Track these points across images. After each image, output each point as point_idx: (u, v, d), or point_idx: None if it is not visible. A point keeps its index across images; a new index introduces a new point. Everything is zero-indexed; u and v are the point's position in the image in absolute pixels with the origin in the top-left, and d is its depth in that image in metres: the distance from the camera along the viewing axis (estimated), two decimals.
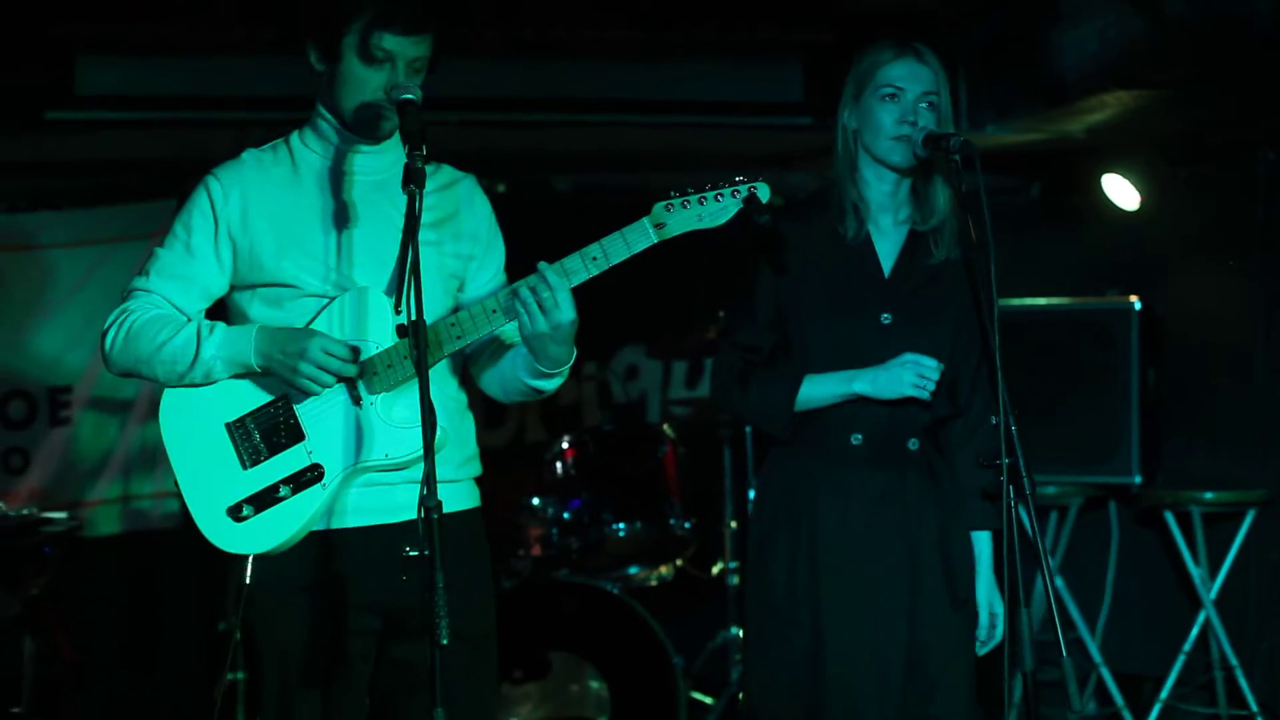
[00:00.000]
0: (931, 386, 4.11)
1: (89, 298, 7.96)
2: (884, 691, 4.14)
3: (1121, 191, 7.80)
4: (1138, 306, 7.47)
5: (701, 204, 3.78)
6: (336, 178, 3.93)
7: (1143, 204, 7.76)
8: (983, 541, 4.26)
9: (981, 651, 4.25)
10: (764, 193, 3.79)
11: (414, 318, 3.46)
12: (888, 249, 4.26)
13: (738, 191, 3.79)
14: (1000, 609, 4.21)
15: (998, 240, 3.89)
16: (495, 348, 4.06)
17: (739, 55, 7.19)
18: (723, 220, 3.80)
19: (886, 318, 4.19)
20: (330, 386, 3.77)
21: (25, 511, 6.85)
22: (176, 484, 3.86)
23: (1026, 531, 3.98)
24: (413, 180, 3.54)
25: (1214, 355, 7.53)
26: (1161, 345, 7.58)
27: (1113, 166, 7.77)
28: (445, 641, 3.30)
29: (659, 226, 3.78)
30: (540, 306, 3.72)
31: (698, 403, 8.38)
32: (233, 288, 3.95)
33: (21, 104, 6.81)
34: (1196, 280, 7.65)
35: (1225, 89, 6.64)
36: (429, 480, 3.37)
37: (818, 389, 4.19)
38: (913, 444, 4.19)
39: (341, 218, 3.89)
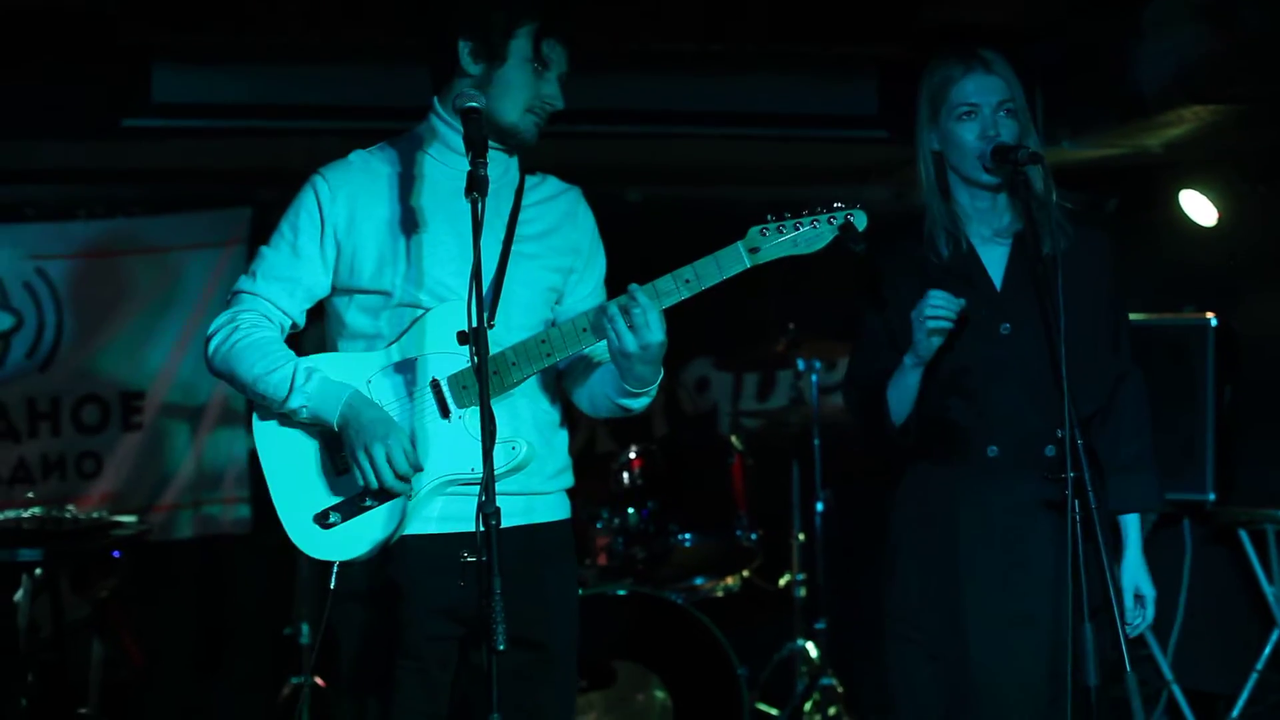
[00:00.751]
0: (943, 310, 4.00)
1: (163, 304, 8.03)
2: (1028, 697, 4.09)
3: (1199, 207, 7.74)
4: (1214, 323, 7.40)
5: (797, 229, 3.75)
6: (443, 184, 3.92)
7: (1220, 220, 7.70)
8: (1129, 524, 4.21)
9: (1132, 634, 4.18)
10: (860, 221, 3.75)
11: (474, 325, 3.46)
12: (996, 259, 4.23)
13: (834, 218, 3.76)
14: (1149, 590, 4.16)
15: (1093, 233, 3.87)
16: (586, 364, 4.05)
17: (814, 69, 7.16)
18: (818, 247, 3.77)
19: (1006, 328, 4.15)
20: (374, 489, 3.76)
21: (96, 515, 6.90)
22: (267, 489, 3.88)
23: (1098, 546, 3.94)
24: (475, 187, 3.53)
25: None
26: (1237, 362, 7.51)
27: (1190, 182, 7.71)
28: (502, 648, 3.30)
29: (753, 251, 3.76)
30: (630, 325, 3.70)
31: (769, 414, 8.35)
32: (333, 289, 3.96)
33: (98, 111, 6.85)
34: (1273, 297, 7.58)
35: None
36: (488, 487, 3.37)
37: (896, 389, 4.16)
38: (1050, 450, 4.13)
39: (444, 226, 3.89)
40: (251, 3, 6.40)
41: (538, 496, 3.96)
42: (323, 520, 3.82)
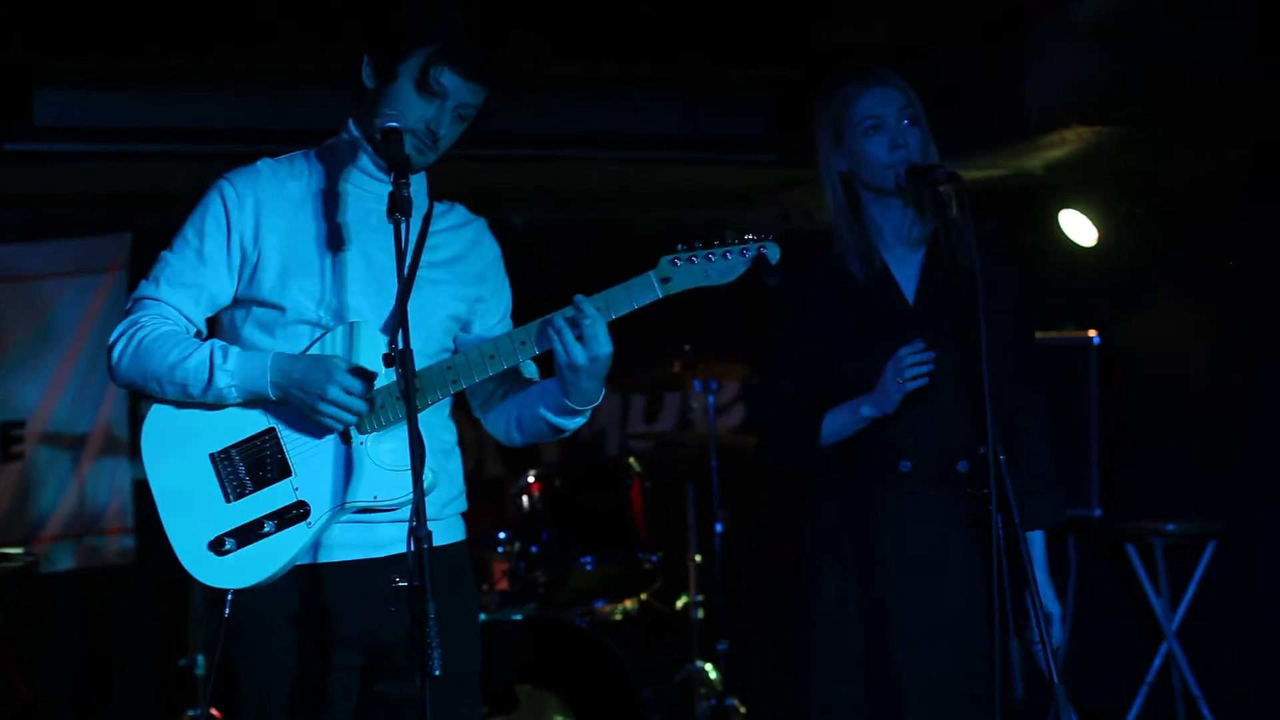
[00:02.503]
0: (923, 369, 4.03)
1: (42, 332, 7.91)
2: (948, 710, 4.12)
3: (1079, 227, 7.85)
4: (1096, 341, 7.51)
5: (709, 261, 3.71)
6: (350, 203, 3.85)
7: (1100, 239, 7.82)
8: (1034, 541, 4.23)
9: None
10: (773, 253, 3.71)
11: (400, 347, 3.43)
12: (909, 274, 4.25)
13: (746, 250, 3.72)
14: (1055, 607, 4.20)
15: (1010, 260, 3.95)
16: (509, 385, 4.02)
17: (704, 91, 7.20)
18: (730, 279, 3.73)
19: (919, 344, 4.18)
20: (353, 424, 3.72)
21: None
22: (157, 516, 3.79)
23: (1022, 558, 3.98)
24: (399, 208, 3.49)
25: (1171, 388, 7.58)
26: (1119, 379, 7.63)
27: (1070, 202, 7.82)
28: (438, 673, 3.27)
29: (664, 281, 3.71)
30: (579, 337, 3.70)
31: (657, 436, 8.37)
32: (233, 300, 3.88)
33: None
34: (1153, 315, 7.72)
35: (1181, 125, 6.70)
36: (419, 511, 3.34)
37: (835, 422, 4.19)
38: (962, 466, 4.16)
39: (349, 245, 3.81)
40: (135, 26, 6.32)
41: (434, 522, 3.92)
42: (218, 547, 3.73)
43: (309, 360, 3.71)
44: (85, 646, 8.00)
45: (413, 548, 3.33)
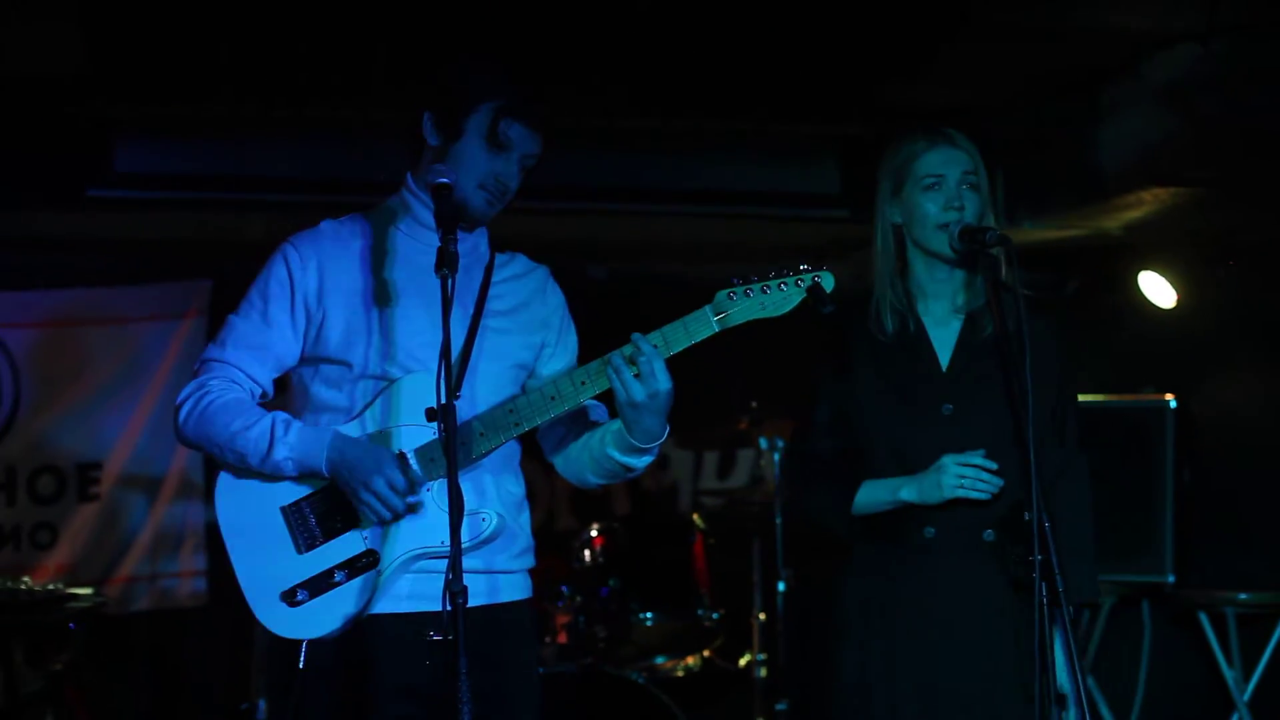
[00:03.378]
0: (981, 485, 4.05)
1: (122, 375, 7.99)
2: None
3: (1158, 289, 7.78)
4: (1173, 405, 7.43)
5: (765, 293, 3.73)
6: (412, 258, 3.90)
7: (1179, 301, 7.74)
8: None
9: None
10: (828, 282, 3.73)
11: (444, 401, 3.44)
12: (945, 338, 4.23)
13: (801, 280, 3.73)
14: (1070, 689, 4.13)
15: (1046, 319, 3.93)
16: (579, 428, 4.02)
17: (777, 148, 7.20)
18: (785, 310, 3.74)
19: (948, 409, 4.15)
20: (388, 519, 3.74)
21: (51, 587, 6.84)
22: (226, 569, 3.83)
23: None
24: (445, 264, 3.52)
25: (1249, 454, 7.49)
26: (1197, 444, 7.54)
27: (1149, 264, 7.75)
28: None
29: (721, 315, 3.73)
30: (637, 374, 3.69)
31: (728, 493, 8.34)
32: (301, 359, 3.93)
33: (61, 180, 6.84)
34: (1232, 379, 7.62)
35: (1260, 187, 6.62)
36: (454, 564, 3.34)
37: (871, 495, 4.19)
38: (988, 535, 4.13)
39: (413, 299, 3.86)
40: (214, 76, 6.39)
41: (502, 575, 3.93)
42: (290, 598, 3.77)
43: (365, 447, 3.76)
44: (152, 688, 8.04)
45: (449, 605, 3.35)
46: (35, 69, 6.29)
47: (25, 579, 6.79)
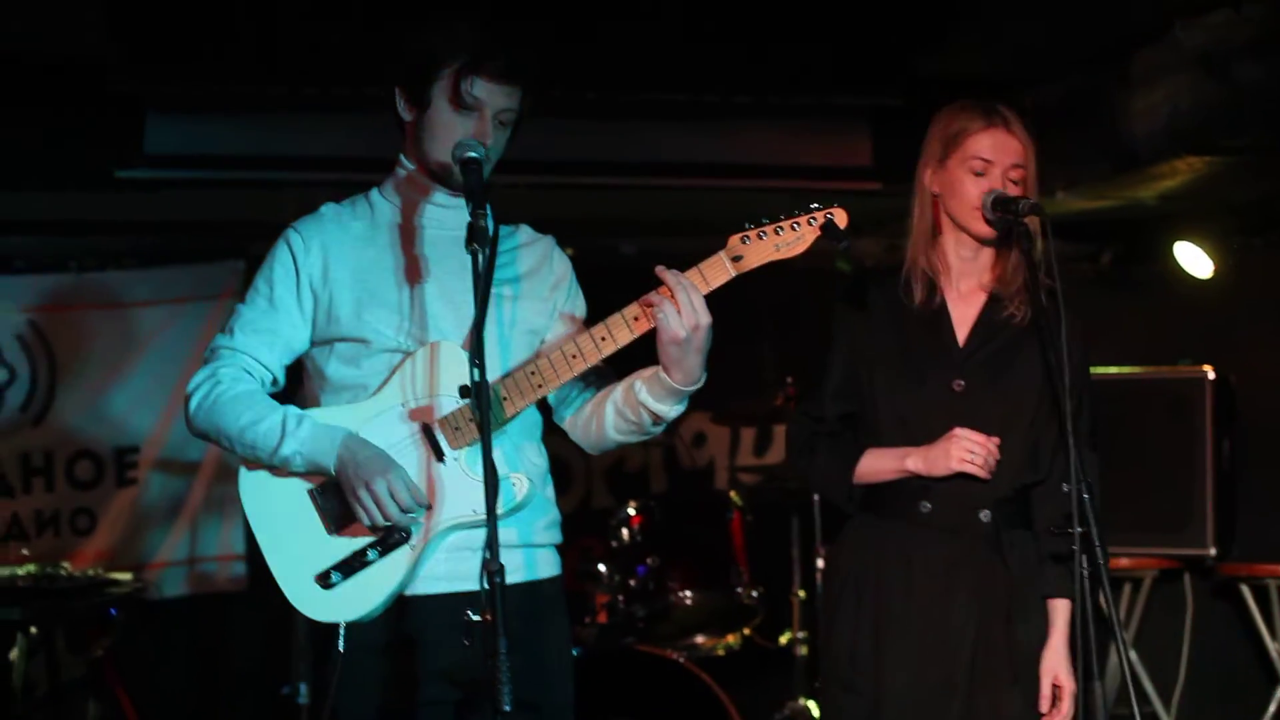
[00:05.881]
0: (983, 460, 4.03)
1: (156, 358, 8.00)
2: None
3: (1194, 259, 7.73)
4: (1211, 376, 7.38)
5: (778, 234, 3.68)
6: (415, 231, 3.88)
7: (1215, 272, 7.68)
8: (1058, 610, 4.15)
9: None
10: (840, 217, 3.68)
11: (477, 380, 3.41)
12: (965, 314, 4.20)
13: (813, 219, 3.68)
14: (1069, 682, 4.09)
15: (1069, 307, 3.85)
16: (594, 385, 3.98)
17: (807, 119, 7.15)
18: (800, 249, 3.68)
19: (959, 384, 4.12)
20: (380, 524, 3.72)
21: (91, 573, 6.86)
22: (254, 555, 3.82)
23: (1101, 604, 3.89)
24: (475, 239, 3.48)
25: None
26: (1235, 415, 7.48)
27: (1185, 234, 7.70)
28: (508, 708, 3.24)
29: (736, 259, 3.70)
30: (677, 309, 3.67)
31: (766, 469, 8.32)
32: (312, 343, 3.91)
33: (91, 162, 6.85)
34: (1270, 349, 7.56)
35: None
36: (491, 545, 3.31)
37: (875, 464, 4.17)
38: (984, 515, 4.10)
39: (420, 272, 3.84)
40: (243, 54, 6.38)
41: (535, 549, 3.91)
42: (324, 581, 3.74)
43: (377, 451, 3.73)
44: (193, 673, 8.06)
45: (487, 585, 3.30)
46: (63, 50, 6.29)
47: (65, 564, 6.80)
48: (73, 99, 6.67)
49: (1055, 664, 4.09)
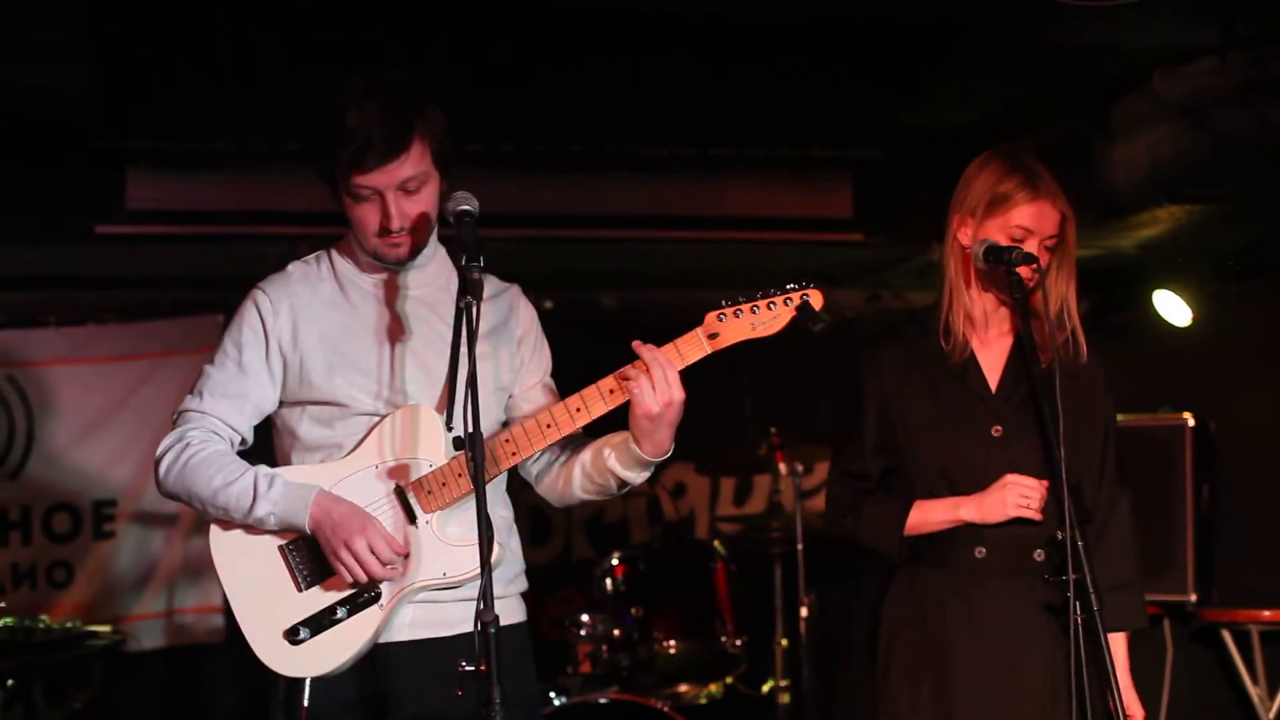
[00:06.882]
0: (1039, 504, 4.06)
1: (135, 412, 8.00)
2: None
3: (1173, 307, 7.75)
4: (1190, 423, 7.39)
5: (754, 312, 3.73)
6: (382, 293, 3.89)
7: (1195, 320, 7.71)
8: (1117, 643, 4.15)
9: None
10: (816, 299, 3.74)
11: (470, 430, 3.41)
12: (992, 361, 4.23)
13: (789, 299, 3.73)
14: (1139, 710, 4.12)
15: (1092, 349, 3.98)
16: (575, 446, 4.00)
17: (788, 172, 7.17)
18: (776, 329, 3.74)
19: (997, 431, 4.15)
20: (362, 581, 3.72)
21: (69, 625, 6.82)
22: (230, 607, 3.81)
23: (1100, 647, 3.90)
24: (470, 291, 3.49)
25: (1268, 472, 7.46)
26: (1215, 462, 7.50)
27: (1164, 282, 7.73)
28: None
29: (712, 337, 3.73)
30: (652, 385, 3.68)
31: (746, 519, 8.31)
32: (281, 403, 3.92)
33: (71, 217, 6.84)
34: (1249, 396, 7.59)
35: (1274, 203, 6.60)
36: (486, 594, 3.32)
37: (926, 516, 4.18)
38: (1038, 555, 4.12)
39: (390, 334, 3.85)
40: (224, 109, 6.38)
41: (499, 600, 3.90)
42: (292, 636, 3.74)
43: (351, 507, 3.74)
44: None
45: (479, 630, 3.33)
46: (46, 108, 6.29)
47: (43, 617, 6.79)
48: (54, 154, 6.67)
49: (1129, 699, 4.11)
